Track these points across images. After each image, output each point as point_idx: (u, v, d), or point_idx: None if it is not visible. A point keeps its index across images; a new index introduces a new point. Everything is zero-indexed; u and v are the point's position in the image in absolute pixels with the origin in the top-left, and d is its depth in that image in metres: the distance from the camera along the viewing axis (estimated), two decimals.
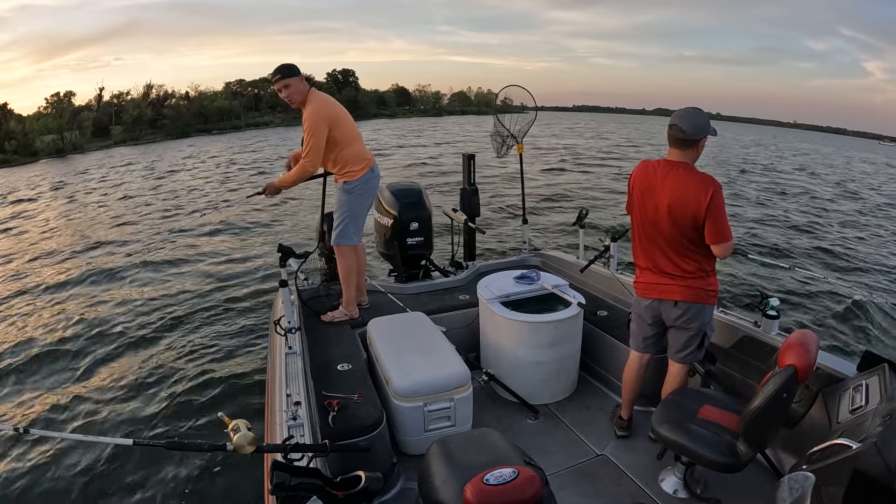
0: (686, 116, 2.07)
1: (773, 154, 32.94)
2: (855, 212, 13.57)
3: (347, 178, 3.00)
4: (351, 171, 2.99)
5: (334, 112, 2.91)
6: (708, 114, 2.11)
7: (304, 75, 2.89)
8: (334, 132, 2.88)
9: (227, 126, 52.58)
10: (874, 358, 2.05)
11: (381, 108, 76.01)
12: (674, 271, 2.19)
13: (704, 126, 2.06)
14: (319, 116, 2.82)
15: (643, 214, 2.22)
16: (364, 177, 3.02)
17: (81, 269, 8.01)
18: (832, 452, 1.41)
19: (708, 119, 2.08)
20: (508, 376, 2.84)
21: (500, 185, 13.81)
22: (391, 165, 18.34)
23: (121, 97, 54.49)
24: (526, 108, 4.14)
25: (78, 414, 4.07)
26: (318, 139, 2.82)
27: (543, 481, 1.28)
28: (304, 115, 2.84)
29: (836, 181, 20.49)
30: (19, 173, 25.77)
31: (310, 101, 2.86)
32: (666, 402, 2.18)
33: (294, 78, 2.82)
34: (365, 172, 3.02)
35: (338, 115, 2.92)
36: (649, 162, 2.24)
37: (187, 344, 5.18)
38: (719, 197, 2.03)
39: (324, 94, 2.98)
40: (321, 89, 3.02)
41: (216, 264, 7.99)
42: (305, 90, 2.86)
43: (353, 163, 2.98)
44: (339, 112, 2.95)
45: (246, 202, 2.58)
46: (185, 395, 4.26)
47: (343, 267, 3.12)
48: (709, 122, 2.07)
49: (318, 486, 1.34)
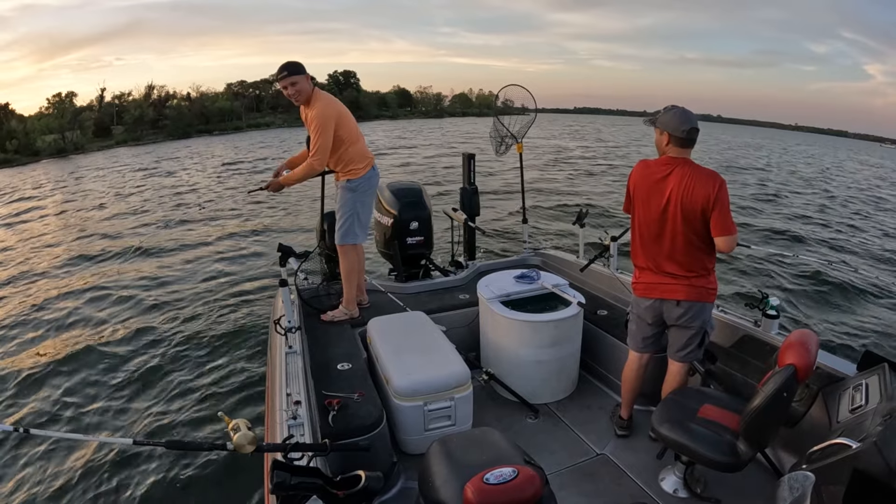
0: (691, 116, 2.13)
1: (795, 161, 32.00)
2: (858, 212, 13.57)
3: (351, 177, 3.01)
4: (354, 170, 3.00)
5: (340, 111, 2.93)
6: (709, 115, 2.14)
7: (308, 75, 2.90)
8: (340, 131, 2.89)
9: (228, 127, 52.60)
10: (874, 357, 2.05)
11: (383, 110, 75.91)
12: (676, 271, 2.20)
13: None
14: (327, 115, 2.83)
15: (646, 214, 2.22)
16: (367, 174, 3.04)
17: (81, 267, 8.01)
18: (832, 452, 1.41)
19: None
20: (508, 376, 2.84)
21: (500, 186, 13.81)
22: (396, 163, 18.22)
23: (122, 97, 54.54)
24: (527, 109, 4.13)
25: (78, 413, 4.07)
26: (326, 138, 2.83)
27: (543, 480, 1.28)
28: (311, 115, 2.84)
29: (848, 184, 20.48)
30: (21, 173, 25.72)
31: (316, 100, 2.87)
32: (666, 401, 2.19)
33: (300, 76, 2.83)
34: (368, 170, 3.04)
35: (343, 113, 2.94)
36: (648, 161, 2.25)
37: (187, 343, 5.18)
38: (725, 190, 2.07)
39: (328, 93, 3.00)
40: (322, 90, 3.03)
41: (216, 264, 7.98)
42: (311, 88, 2.88)
43: (356, 161, 3.00)
44: (344, 111, 2.97)
45: (248, 197, 2.60)
46: (184, 394, 4.26)
47: (346, 266, 3.12)
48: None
49: (319, 486, 1.34)
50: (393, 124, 56.02)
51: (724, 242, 2.09)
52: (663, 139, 2.15)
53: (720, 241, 2.09)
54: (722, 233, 2.07)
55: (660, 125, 2.16)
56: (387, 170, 15.79)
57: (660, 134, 2.17)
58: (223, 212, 11.99)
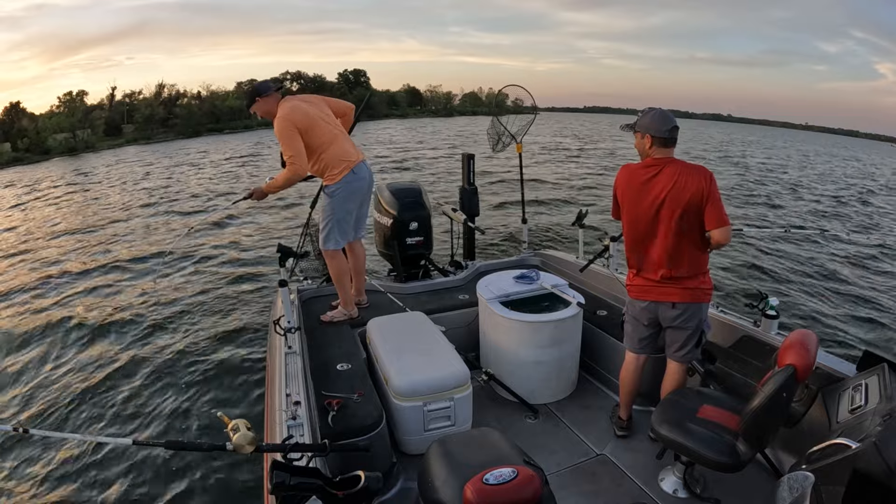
0: (670, 116, 2.18)
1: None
2: (862, 213, 13.56)
3: (327, 182, 2.96)
4: (330, 175, 2.93)
5: (303, 118, 2.81)
6: (719, 115, 2.17)
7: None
8: (307, 138, 2.80)
9: (238, 125, 52.16)
10: (874, 358, 2.05)
11: (393, 109, 75.47)
12: (669, 273, 2.21)
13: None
14: (285, 125, 2.75)
15: (637, 216, 2.23)
16: (344, 179, 2.93)
17: (80, 269, 8.00)
18: (832, 452, 1.41)
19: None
20: (508, 376, 2.84)
21: (500, 185, 13.80)
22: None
23: (133, 96, 54.32)
24: (537, 109, 4.17)
25: (77, 413, 4.07)
26: (293, 144, 2.74)
27: (543, 481, 1.28)
28: (275, 129, 2.78)
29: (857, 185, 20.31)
30: (32, 171, 25.62)
31: (277, 113, 2.80)
32: (665, 401, 2.19)
33: (254, 104, 2.88)
34: (345, 175, 2.93)
35: (307, 119, 2.82)
36: (632, 165, 2.29)
37: (186, 343, 5.17)
38: (715, 183, 2.11)
39: (295, 99, 2.91)
40: (332, 89, 2.99)
41: (215, 264, 7.98)
42: (272, 105, 2.85)
43: (332, 166, 2.92)
44: (311, 117, 2.84)
45: (233, 208, 2.57)
46: (184, 394, 4.26)
47: (334, 270, 3.09)
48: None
49: (318, 486, 1.33)
50: (404, 122, 55.52)
51: (720, 234, 2.10)
52: (646, 142, 2.18)
53: (716, 233, 2.10)
54: (717, 225, 2.09)
55: (640, 129, 2.19)
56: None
57: (641, 138, 2.20)
58: (223, 211, 11.98)
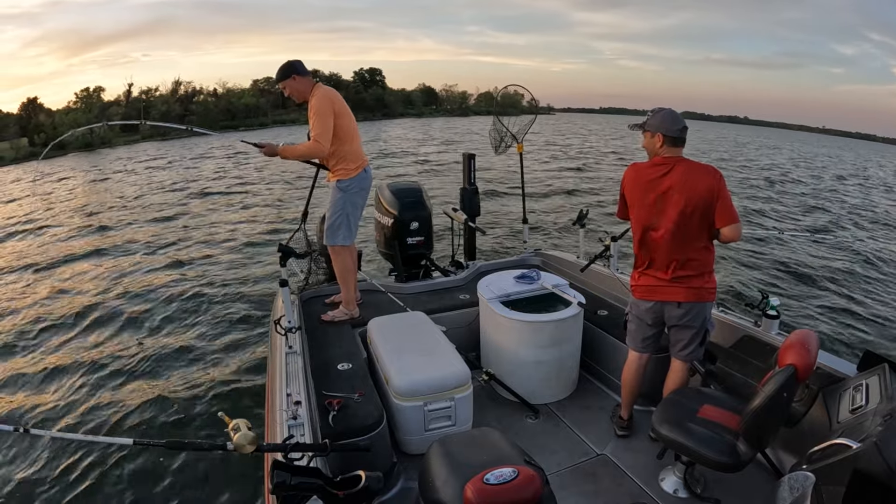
0: (680, 116, 2.20)
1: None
2: (863, 213, 13.54)
3: (341, 177, 3.00)
4: (346, 169, 2.99)
5: (339, 105, 2.93)
6: (735, 117, 2.18)
7: (311, 71, 2.93)
8: (338, 121, 2.89)
9: (253, 123, 51.92)
10: (874, 358, 2.05)
11: (408, 108, 75.09)
12: (676, 273, 2.22)
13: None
14: (324, 104, 2.84)
15: (646, 214, 2.24)
16: (359, 175, 3.03)
17: (80, 266, 8.01)
18: (832, 452, 1.41)
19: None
20: (509, 376, 2.84)
21: (500, 185, 13.81)
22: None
23: (149, 93, 54.20)
24: (553, 109, 4.22)
25: (78, 413, 4.07)
26: (325, 121, 2.82)
27: (543, 481, 1.27)
28: (310, 104, 2.86)
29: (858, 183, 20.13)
30: (46, 165, 25.57)
31: (315, 93, 2.89)
32: (666, 401, 2.19)
33: (288, 80, 2.88)
34: (360, 171, 3.03)
35: (342, 107, 2.95)
36: (639, 164, 2.30)
37: (187, 343, 5.18)
38: (724, 181, 2.14)
39: (329, 87, 3.00)
40: (348, 88, 3.03)
41: (215, 264, 7.98)
42: (307, 86, 2.90)
43: (349, 160, 2.99)
44: (344, 106, 2.97)
45: (243, 146, 2.58)
46: (185, 394, 4.26)
47: (339, 267, 3.11)
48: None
49: (319, 486, 1.33)
50: (418, 121, 55.09)
51: (730, 231, 2.13)
52: (656, 141, 2.20)
53: (727, 230, 2.13)
54: (728, 222, 2.11)
55: (650, 128, 2.21)
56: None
57: (651, 137, 2.21)
58: (222, 212, 11.99)
